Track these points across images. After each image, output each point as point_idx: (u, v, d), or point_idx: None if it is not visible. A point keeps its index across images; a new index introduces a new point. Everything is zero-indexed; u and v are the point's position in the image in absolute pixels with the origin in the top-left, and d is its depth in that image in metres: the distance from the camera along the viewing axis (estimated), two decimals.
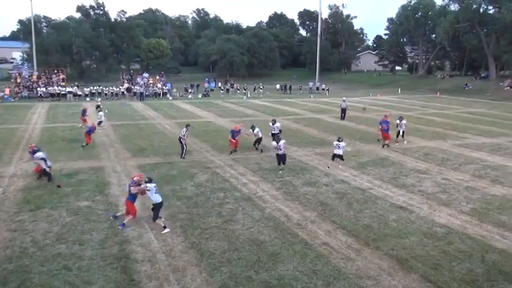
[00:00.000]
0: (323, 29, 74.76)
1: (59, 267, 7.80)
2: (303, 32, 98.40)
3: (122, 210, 10.13)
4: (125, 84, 43.81)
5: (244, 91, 49.63)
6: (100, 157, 16.41)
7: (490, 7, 58.25)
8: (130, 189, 9.76)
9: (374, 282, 7.51)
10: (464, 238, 9.37)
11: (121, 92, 42.81)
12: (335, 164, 15.17)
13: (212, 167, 15.06)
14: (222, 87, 54.20)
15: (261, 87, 51.32)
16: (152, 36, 71.97)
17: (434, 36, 66.64)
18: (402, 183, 13.57)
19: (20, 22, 63.34)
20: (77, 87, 41.90)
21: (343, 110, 28.07)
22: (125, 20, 71.54)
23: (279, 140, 14.41)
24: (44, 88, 40.54)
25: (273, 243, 8.95)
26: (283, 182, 13.39)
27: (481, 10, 57.47)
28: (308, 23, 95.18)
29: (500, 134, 23.05)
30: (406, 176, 14.43)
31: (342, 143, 14.97)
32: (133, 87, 43.01)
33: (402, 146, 19.28)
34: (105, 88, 43.33)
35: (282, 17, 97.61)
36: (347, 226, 9.94)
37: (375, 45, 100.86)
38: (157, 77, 47.56)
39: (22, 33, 63.91)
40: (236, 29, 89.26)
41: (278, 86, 54.65)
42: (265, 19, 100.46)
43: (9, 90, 39.68)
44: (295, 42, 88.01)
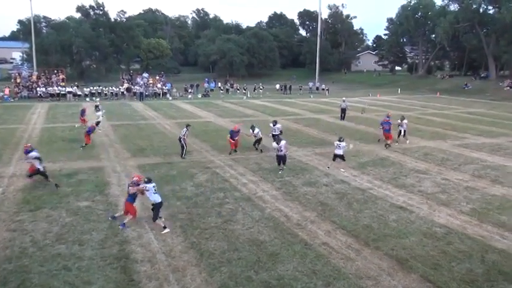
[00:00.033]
0: (323, 29, 74.79)
1: (58, 267, 7.80)
2: (303, 32, 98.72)
3: (121, 211, 10.13)
4: (125, 84, 43.78)
5: (244, 91, 49.61)
6: (99, 157, 16.40)
7: (489, 7, 58.31)
8: (128, 189, 9.78)
9: (373, 282, 7.51)
10: (464, 238, 9.38)
11: (121, 92, 42.79)
12: (335, 164, 15.13)
13: (212, 167, 15.06)
14: (221, 87, 54.14)
15: (260, 87, 51.27)
16: (152, 36, 71.96)
17: (433, 36, 66.68)
18: (402, 183, 13.58)
19: (20, 22, 63.48)
20: (77, 87, 41.90)
21: (343, 110, 28.07)
22: (125, 20, 71.65)
23: (279, 141, 14.37)
24: (43, 88, 40.53)
25: (272, 243, 8.95)
26: (283, 182, 13.39)
27: (481, 10, 57.48)
28: (308, 23, 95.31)
29: (500, 134, 23.05)
30: (406, 176, 14.43)
31: (342, 143, 14.81)
32: (133, 87, 42.98)
33: (402, 146, 19.28)
34: (105, 88, 43.33)
35: (281, 17, 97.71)
36: (346, 226, 9.94)
37: (375, 45, 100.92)
38: (157, 77, 47.52)
39: (22, 33, 64.01)
40: (236, 29, 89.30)
41: (278, 86, 54.53)
42: (265, 19, 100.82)
43: (9, 90, 39.68)
44: (295, 42, 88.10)
